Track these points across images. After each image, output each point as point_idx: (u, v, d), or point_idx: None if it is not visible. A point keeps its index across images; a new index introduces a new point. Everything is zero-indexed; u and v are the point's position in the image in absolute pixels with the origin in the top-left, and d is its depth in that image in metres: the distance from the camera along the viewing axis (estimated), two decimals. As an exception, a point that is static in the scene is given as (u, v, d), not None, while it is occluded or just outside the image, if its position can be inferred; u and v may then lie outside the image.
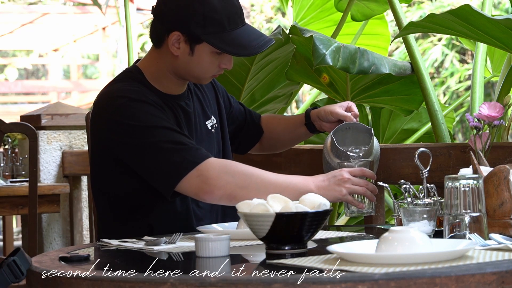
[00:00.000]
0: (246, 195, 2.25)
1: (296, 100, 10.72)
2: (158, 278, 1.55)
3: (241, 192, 2.29)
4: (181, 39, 2.41)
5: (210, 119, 2.60)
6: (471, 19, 2.78)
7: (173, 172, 2.30)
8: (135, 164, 2.38)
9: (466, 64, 10.93)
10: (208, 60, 2.43)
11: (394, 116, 3.99)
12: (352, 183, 2.33)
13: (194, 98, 2.59)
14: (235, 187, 2.29)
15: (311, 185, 2.32)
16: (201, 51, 2.41)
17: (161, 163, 2.32)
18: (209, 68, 2.45)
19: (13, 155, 4.76)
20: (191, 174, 2.29)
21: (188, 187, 2.30)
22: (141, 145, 2.34)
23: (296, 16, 4.41)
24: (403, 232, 1.69)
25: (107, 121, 2.40)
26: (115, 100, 2.40)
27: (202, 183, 2.29)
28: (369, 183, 2.36)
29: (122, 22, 7.72)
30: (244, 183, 2.30)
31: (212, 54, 2.42)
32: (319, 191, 2.28)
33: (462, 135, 10.90)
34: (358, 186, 2.33)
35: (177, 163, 2.30)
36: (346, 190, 2.32)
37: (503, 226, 2.04)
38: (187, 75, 2.47)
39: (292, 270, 1.66)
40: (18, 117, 5.05)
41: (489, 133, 2.46)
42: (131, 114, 2.36)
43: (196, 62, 2.43)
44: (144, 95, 2.40)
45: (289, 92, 4.02)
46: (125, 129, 2.35)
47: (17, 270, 1.80)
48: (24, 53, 16.50)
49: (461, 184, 1.86)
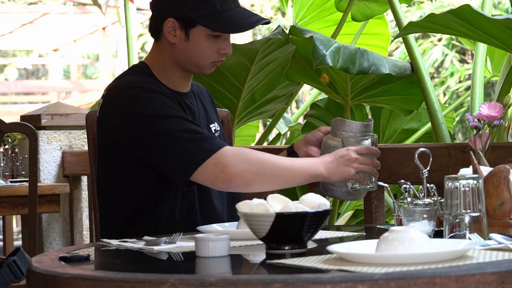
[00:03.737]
0: (263, 182, 2.31)
1: (296, 100, 10.73)
2: (158, 278, 1.55)
3: (258, 179, 2.31)
4: (176, 25, 2.44)
5: (213, 123, 2.61)
6: (471, 19, 2.79)
7: (189, 161, 2.30)
8: (149, 154, 2.36)
9: (466, 64, 10.94)
10: (205, 44, 2.44)
11: (394, 116, 3.99)
12: (359, 162, 2.36)
13: (198, 101, 2.59)
14: (252, 174, 2.31)
15: (321, 168, 2.36)
16: (196, 35, 2.43)
17: (177, 152, 2.31)
18: (207, 53, 2.45)
19: (13, 155, 4.76)
20: (208, 163, 2.29)
21: (206, 176, 2.30)
22: (156, 135, 2.33)
23: (296, 16, 4.41)
24: (403, 232, 1.69)
25: (119, 113, 2.39)
26: (128, 92, 2.39)
27: (220, 172, 2.29)
28: (374, 160, 2.39)
29: (122, 22, 7.72)
30: (261, 170, 2.31)
31: (208, 37, 2.43)
32: (329, 173, 2.35)
33: (462, 135, 10.91)
34: (365, 165, 2.37)
35: (193, 152, 2.30)
36: (354, 169, 2.36)
37: (503, 226, 2.04)
38: (187, 63, 2.47)
39: (292, 270, 1.66)
40: (18, 117, 5.04)
41: (489, 133, 2.46)
42: (145, 104, 2.36)
43: (193, 47, 2.44)
44: (157, 85, 2.42)
45: (289, 92, 4.03)
46: (139, 119, 2.35)
47: (17, 270, 1.80)
48: (24, 53, 16.51)
49: (461, 184, 1.86)
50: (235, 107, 3.91)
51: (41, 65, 17.10)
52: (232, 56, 3.66)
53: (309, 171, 2.35)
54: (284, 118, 4.91)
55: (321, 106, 4.08)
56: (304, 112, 4.75)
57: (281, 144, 4.99)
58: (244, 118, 4.06)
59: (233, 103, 3.90)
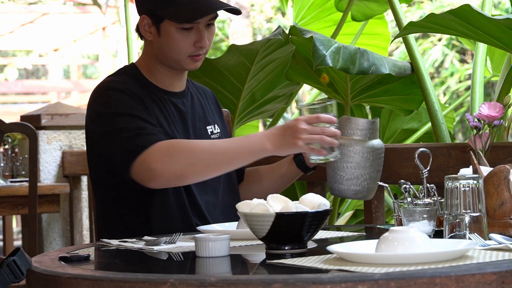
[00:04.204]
0: (195, 172, 2.27)
1: (296, 100, 10.72)
2: (158, 278, 1.55)
3: (188, 170, 2.26)
4: (148, 21, 2.45)
5: (211, 125, 2.59)
6: (471, 19, 2.79)
7: (125, 160, 2.29)
8: (102, 151, 2.37)
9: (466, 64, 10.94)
10: (176, 38, 2.42)
11: (394, 116, 3.99)
12: (308, 132, 2.21)
13: (195, 102, 2.58)
14: (181, 167, 2.26)
15: (266, 144, 2.25)
16: (166, 30, 2.43)
17: (118, 150, 2.31)
18: (181, 47, 2.43)
19: (13, 155, 4.76)
20: (136, 162, 2.27)
21: (136, 177, 2.29)
22: (108, 132, 2.34)
23: (296, 16, 4.41)
24: (403, 232, 1.69)
25: (88, 112, 2.45)
26: (95, 92, 2.44)
27: (145, 170, 2.26)
28: (326, 129, 2.22)
29: (122, 22, 7.72)
30: (190, 160, 2.26)
31: (178, 31, 2.42)
32: (275, 147, 2.24)
33: (462, 135, 10.91)
34: (315, 135, 2.21)
35: (127, 150, 2.29)
36: (302, 141, 2.22)
37: (503, 226, 2.04)
38: (166, 59, 2.47)
39: (292, 270, 1.66)
40: (18, 117, 5.05)
41: (489, 133, 2.46)
42: (105, 102, 2.38)
43: (166, 42, 2.44)
44: (123, 85, 2.41)
45: (289, 92, 4.03)
46: (98, 118, 2.38)
47: (17, 270, 1.80)
48: (24, 53, 16.51)
49: (461, 184, 1.86)
50: (235, 107, 3.91)
51: (41, 65, 17.10)
52: (232, 56, 3.66)
53: (252, 149, 2.26)
54: (284, 118, 4.91)
55: (321, 106, 4.08)
56: (304, 112, 4.75)
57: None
58: (244, 118, 4.06)
59: (233, 103, 3.90)
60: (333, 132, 2.23)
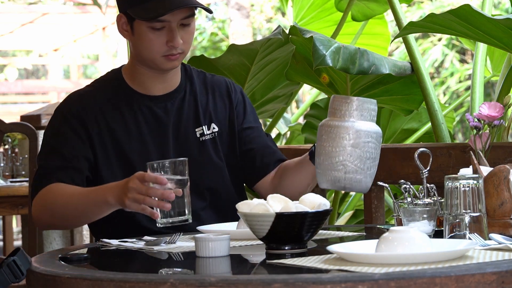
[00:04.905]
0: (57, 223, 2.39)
1: (296, 100, 10.72)
2: (158, 278, 1.55)
3: (51, 221, 2.37)
4: (125, 20, 2.42)
5: (202, 126, 2.50)
6: (471, 19, 2.79)
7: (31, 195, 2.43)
8: None
9: (466, 64, 10.94)
10: (148, 37, 2.38)
11: (394, 116, 3.99)
12: (136, 191, 2.07)
13: (187, 102, 2.50)
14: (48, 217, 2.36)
15: (109, 197, 2.18)
16: (138, 28, 2.39)
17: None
18: (153, 47, 2.38)
19: (13, 155, 4.76)
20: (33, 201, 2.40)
21: None
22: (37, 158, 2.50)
23: (296, 16, 4.41)
24: (403, 232, 1.69)
25: None
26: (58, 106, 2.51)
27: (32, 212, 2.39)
28: (152, 189, 2.06)
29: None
30: (52, 212, 2.35)
31: (149, 30, 2.37)
32: (116, 201, 2.17)
33: (462, 135, 10.91)
34: (139, 195, 2.07)
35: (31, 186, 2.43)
36: (128, 200, 2.10)
37: (503, 226, 2.04)
38: (142, 59, 2.43)
39: (292, 270, 1.66)
40: (18, 117, 5.04)
41: (489, 133, 2.46)
42: (49, 123, 2.49)
43: (139, 41, 2.40)
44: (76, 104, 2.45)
45: (289, 92, 4.03)
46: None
47: (17, 270, 1.80)
48: (24, 53, 16.51)
49: (461, 184, 1.86)
50: (235, 107, 3.91)
51: (41, 65, 17.10)
52: (232, 56, 3.66)
53: (96, 202, 2.24)
54: (284, 118, 4.91)
55: (321, 106, 4.08)
56: (304, 112, 4.76)
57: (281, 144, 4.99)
58: (244, 118, 4.06)
59: (233, 103, 3.89)
60: (160, 194, 2.05)
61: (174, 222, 2.06)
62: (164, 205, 2.06)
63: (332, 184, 2.08)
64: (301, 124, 4.42)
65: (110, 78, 2.51)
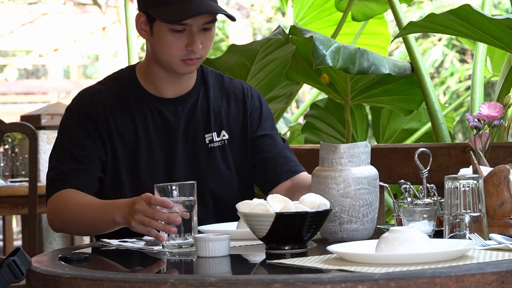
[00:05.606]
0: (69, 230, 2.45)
1: (296, 100, 10.72)
2: (158, 278, 1.55)
3: (64, 228, 2.41)
4: (144, 19, 2.38)
5: (211, 132, 2.46)
6: (471, 19, 2.79)
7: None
8: None
9: (466, 64, 10.94)
10: (167, 39, 2.33)
11: (394, 116, 3.99)
12: (142, 213, 2.04)
13: (198, 107, 2.46)
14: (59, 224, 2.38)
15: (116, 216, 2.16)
16: (158, 29, 2.34)
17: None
18: (171, 50, 2.34)
19: (13, 155, 4.76)
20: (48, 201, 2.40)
21: None
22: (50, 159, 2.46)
23: (296, 16, 4.41)
24: (403, 232, 1.69)
25: None
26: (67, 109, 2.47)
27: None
28: (158, 213, 2.01)
29: (122, 22, 7.73)
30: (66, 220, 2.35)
31: (170, 32, 2.32)
32: (123, 220, 2.14)
33: (462, 135, 10.90)
34: (146, 218, 2.03)
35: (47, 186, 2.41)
36: (134, 222, 2.06)
37: (503, 226, 2.04)
38: (158, 61, 2.39)
39: (292, 270, 1.66)
40: (18, 117, 5.04)
41: (489, 133, 2.46)
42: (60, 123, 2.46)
43: (157, 42, 2.35)
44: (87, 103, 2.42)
45: (289, 92, 4.02)
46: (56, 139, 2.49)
47: (17, 270, 1.80)
48: (24, 53, 16.50)
49: (461, 184, 1.86)
50: (235, 107, 3.91)
51: (41, 65, 17.08)
52: (232, 56, 3.66)
53: (103, 219, 2.22)
54: (284, 118, 4.91)
55: (321, 106, 4.08)
56: (304, 112, 4.76)
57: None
58: (244, 118, 4.06)
59: (233, 103, 3.89)
60: (166, 218, 2.01)
61: (180, 244, 2.03)
62: (170, 229, 2.01)
63: (330, 236, 2.05)
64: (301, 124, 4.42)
65: (123, 76, 2.48)
